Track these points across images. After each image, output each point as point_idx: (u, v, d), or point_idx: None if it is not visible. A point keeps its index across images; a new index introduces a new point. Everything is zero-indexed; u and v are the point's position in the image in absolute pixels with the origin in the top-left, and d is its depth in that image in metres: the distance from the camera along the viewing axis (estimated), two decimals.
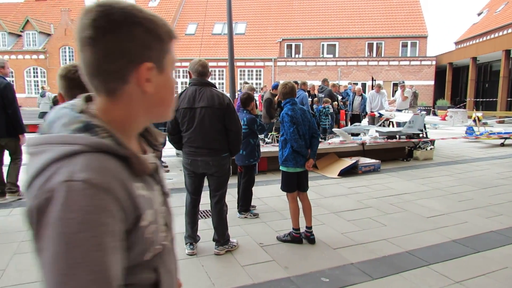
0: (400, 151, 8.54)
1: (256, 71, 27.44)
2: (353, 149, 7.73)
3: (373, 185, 6.22)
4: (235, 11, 15.20)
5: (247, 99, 4.58)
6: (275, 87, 9.63)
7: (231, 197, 4.77)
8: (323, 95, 10.63)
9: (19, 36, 30.37)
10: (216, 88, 3.43)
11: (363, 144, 7.82)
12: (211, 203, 3.58)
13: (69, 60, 29.56)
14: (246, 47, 27.51)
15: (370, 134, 8.52)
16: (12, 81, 29.47)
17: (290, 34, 28.20)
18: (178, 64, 26.54)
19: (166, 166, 7.39)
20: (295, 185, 3.84)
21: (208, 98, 3.30)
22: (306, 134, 3.76)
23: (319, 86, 11.44)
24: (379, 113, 10.31)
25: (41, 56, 29.80)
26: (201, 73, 3.39)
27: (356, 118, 11.51)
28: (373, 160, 7.33)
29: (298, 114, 3.71)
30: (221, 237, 3.57)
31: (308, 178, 3.99)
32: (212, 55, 26.05)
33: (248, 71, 27.51)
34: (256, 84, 26.07)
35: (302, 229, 3.88)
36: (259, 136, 4.82)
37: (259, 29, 29.04)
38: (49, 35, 30.34)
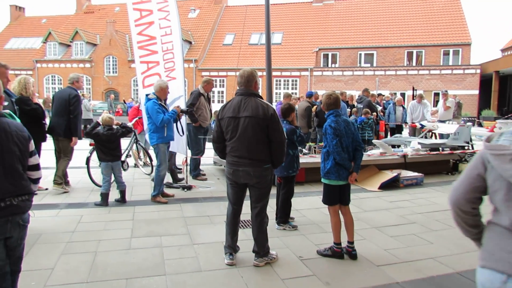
0: (445, 164, 8.17)
1: (292, 81, 27.42)
2: (394, 161, 7.49)
3: (416, 199, 5.97)
4: (272, 21, 15.26)
5: (288, 110, 4.55)
6: (310, 95, 9.58)
7: (269, 208, 4.74)
8: (362, 106, 10.42)
9: (69, 46, 32.13)
10: (262, 98, 3.43)
11: (404, 156, 7.56)
12: (251, 214, 3.56)
13: (113, 68, 30.88)
14: (282, 57, 27.60)
15: (412, 146, 8.23)
16: (61, 87, 31.18)
17: (327, 44, 28.02)
18: (215, 73, 27.21)
19: (204, 174, 7.47)
20: (337, 198, 3.74)
21: (253, 108, 3.30)
22: (350, 146, 3.67)
23: (358, 96, 11.23)
24: (421, 124, 9.95)
25: (87, 65, 31.32)
26: (245, 83, 3.40)
27: (397, 130, 11.18)
28: (416, 173, 7.06)
29: (341, 126, 3.63)
30: (261, 248, 3.54)
31: None
32: (249, 64, 26.29)
33: (284, 81, 27.54)
34: (292, 94, 26.01)
35: (344, 243, 3.77)
36: (298, 147, 4.77)
37: (295, 39, 29.07)
38: (95, 45, 31.88)
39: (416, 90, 14.55)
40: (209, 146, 8.72)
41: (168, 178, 6.43)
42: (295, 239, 4.25)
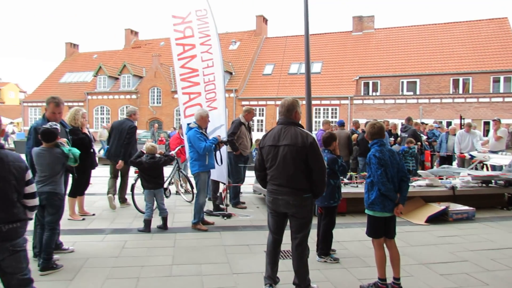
0: (498, 198, 7.65)
1: (332, 109, 27.28)
2: (442, 193, 7.11)
3: (467, 235, 5.60)
4: (311, 51, 15.44)
5: (329, 139, 4.51)
6: (341, 124, 9.50)
7: (310, 239, 4.62)
8: (406, 135, 10.12)
9: (117, 78, 34.14)
10: (302, 127, 3.43)
11: (453, 188, 7.17)
12: (292, 245, 3.48)
13: (157, 99, 32.30)
14: (322, 86, 27.66)
15: (461, 177, 7.81)
16: (108, 118, 32.93)
17: (367, 72, 27.80)
18: (254, 103, 27.64)
19: (243, 203, 7.47)
20: (382, 230, 3.60)
21: (292, 136, 3.31)
22: (395, 177, 3.55)
23: (402, 125, 10.94)
24: (470, 155, 9.47)
25: (133, 96, 33.00)
26: (285, 112, 3.45)
27: (447, 160, 10.69)
28: (466, 207, 6.65)
29: (386, 156, 3.54)
30: (302, 281, 3.43)
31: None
32: (288, 94, 26.57)
33: (324, 109, 27.46)
34: (332, 122, 25.82)
35: (389, 279, 3.59)
36: (340, 176, 4.68)
37: (335, 68, 29.13)
38: (141, 77, 33.64)
39: (463, 118, 13.97)
40: (249, 174, 8.78)
41: (208, 206, 6.49)
42: (336, 273, 4.10)
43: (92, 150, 5.94)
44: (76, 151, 4.19)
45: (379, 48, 29.44)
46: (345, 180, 7.37)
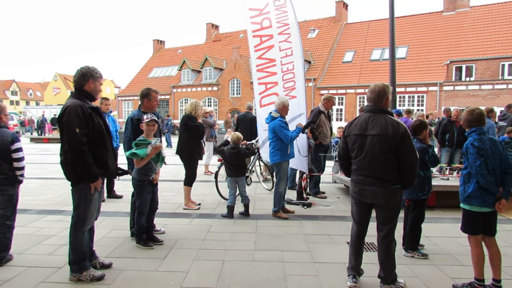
0: None
1: (418, 97, 25.50)
2: None
3: None
4: (396, 35, 14.49)
5: (419, 127, 4.22)
6: (398, 113, 8.83)
7: (396, 233, 4.41)
8: (505, 123, 9.07)
9: (199, 72, 35.82)
10: (392, 115, 3.25)
11: None
12: (378, 237, 3.36)
13: (237, 90, 33.23)
14: (407, 72, 25.97)
15: None
16: None
17: (460, 55, 25.39)
18: (333, 91, 27.01)
19: (323, 193, 7.38)
20: (479, 226, 3.28)
21: (381, 126, 3.15)
22: (497, 169, 3.19)
23: (501, 112, 9.83)
24: None
25: (215, 88, 34.38)
26: (375, 99, 3.27)
27: None
28: None
29: (487, 146, 3.20)
30: (388, 274, 3.30)
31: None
32: (370, 81, 25.40)
33: (409, 97, 25.79)
34: (418, 110, 24.16)
35: (487, 281, 3.28)
36: (430, 167, 4.36)
37: (422, 52, 27.11)
38: (221, 69, 34.85)
39: None
40: (329, 164, 8.64)
41: (288, 195, 6.54)
42: (425, 269, 3.85)
43: (202, 141, 6.35)
44: (141, 152, 4.17)
45: (474, 28, 26.67)
46: (434, 172, 6.87)
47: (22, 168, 3.91)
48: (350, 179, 3.51)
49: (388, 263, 3.30)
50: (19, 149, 3.88)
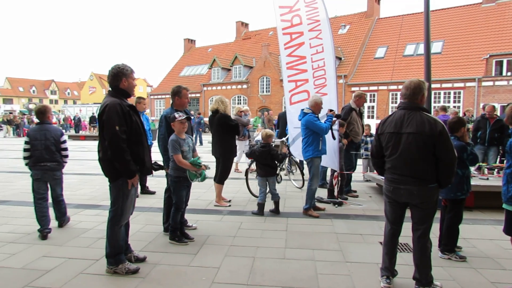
0: None
1: (455, 93, 24.54)
2: None
3: None
4: (431, 29, 13.99)
5: (457, 124, 4.06)
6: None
7: (432, 234, 4.28)
8: None
9: (229, 70, 36.07)
10: (428, 113, 3.14)
11: None
12: (413, 237, 3.26)
13: (266, 87, 33.24)
14: (442, 67, 25.03)
15: None
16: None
17: (502, 49, 24.17)
18: (365, 88, 26.48)
19: (355, 191, 7.26)
20: None
21: (417, 123, 3.05)
22: None
23: None
24: None
25: (244, 86, 34.52)
26: (410, 96, 3.16)
27: None
28: None
29: None
30: (423, 276, 3.20)
31: None
32: (403, 77, 24.68)
33: (445, 93, 24.86)
34: (454, 107, 23.27)
35: None
36: (469, 166, 4.18)
37: (459, 47, 26.04)
38: (251, 67, 34.93)
39: None
40: (360, 162, 8.48)
41: (320, 193, 6.47)
42: (463, 272, 3.71)
43: (236, 138, 6.43)
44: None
45: None
46: (473, 172, 6.59)
47: (67, 156, 5.02)
48: (383, 177, 3.43)
49: (423, 265, 3.20)
50: (65, 141, 5.02)
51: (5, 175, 9.52)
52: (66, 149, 4.97)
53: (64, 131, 8.04)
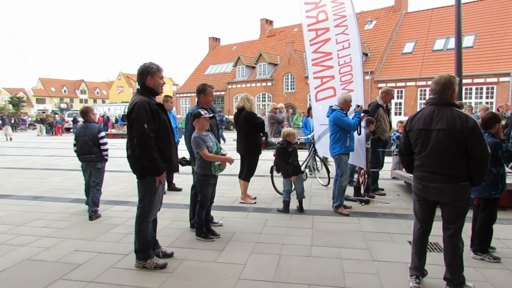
0: None
1: (487, 88, 23.61)
2: None
3: None
4: (462, 22, 13.51)
5: (491, 120, 3.90)
6: None
7: (463, 233, 4.14)
8: None
9: (253, 67, 36.10)
10: (459, 109, 3.04)
11: None
12: (444, 236, 3.16)
13: (291, 85, 33.07)
14: (474, 62, 24.14)
15: None
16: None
17: None
18: (392, 84, 25.89)
19: (382, 189, 7.12)
20: None
21: (448, 119, 2.95)
22: None
23: None
24: None
25: (269, 83, 34.48)
26: (440, 91, 3.07)
27: None
28: None
29: None
30: (455, 277, 3.10)
31: None
32: (433, 73, 24.00)
33: (477, 89, 23.97)
34: (486, 104, 22.41)
35: None
36: (505, 165, 4.02)
37: (492, 40, 25.02)
38: (275, 65, 34.84)
39: None
40: (387, 160, 8.31)
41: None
42: (498, 274, 3.57)
43: (262, 135, 6.45)
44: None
45: None
46: (508, 170, 6.33)
47: (106, 150, 5.63)
48: (412, 175, 3.35)
49: (455, 265, 3.10)
50: (104, 137, 5.65)
51: (39, 172, 9.91)
52: (104, 144, 5.61)
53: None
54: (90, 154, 5.53)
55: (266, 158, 10.34)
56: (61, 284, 3.34)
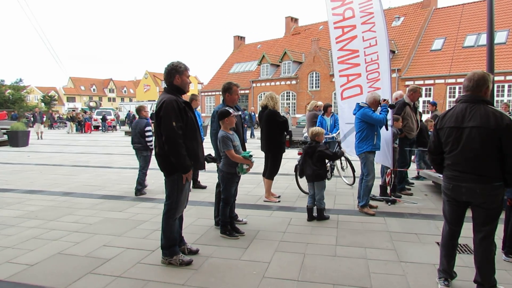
0: None
1: None
2: None
3: None
4: (495, 17, 12.99)
5: None
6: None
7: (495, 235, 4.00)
8: None
9: (278, 66, 36.03)
10: (493, 106, 2.93)
11: None
12: (475, 239, 3.06)
13: (315, 83, 32.81)
14: (507, 58, 23.21)
15: None
16: None
17: None
18: (420, 82, 25.26)
19: (409, 189, 6.97)
20: None
21: (481, 117, 2.85)
22: None
23: None
24: None
25: (293, 82, 34.33)
26: (473, 88, 2.97)
27: None
28: None
29: None
30: (486, 280, 3.00)
31: None
32: (463, 70, 23.24)
33: (509, 86, 23.04)
34: None
35: None
36: None
37: None
38: (300, 63, 34.63)
39: None
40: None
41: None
42: None
43: (285, 134, 6.44)
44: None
45: None
46: None
47: (150, 141, 6.81)
48: (440, 175, 3.26)
49: (486, 268, 3.00)
50: (149, 130, 6.86)
51: (69, 169, 10.26)
52: (149, 136, 6.85)
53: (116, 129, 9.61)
54: (138, 143, 6.93)
55: (290, 156, 10.32)
56: (91, 278, 3.44)
